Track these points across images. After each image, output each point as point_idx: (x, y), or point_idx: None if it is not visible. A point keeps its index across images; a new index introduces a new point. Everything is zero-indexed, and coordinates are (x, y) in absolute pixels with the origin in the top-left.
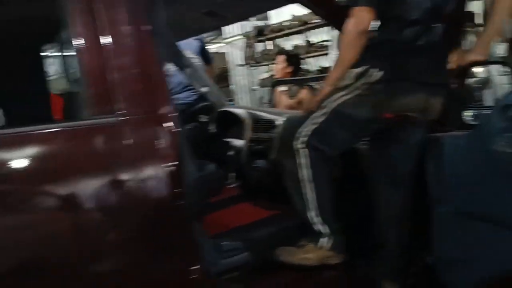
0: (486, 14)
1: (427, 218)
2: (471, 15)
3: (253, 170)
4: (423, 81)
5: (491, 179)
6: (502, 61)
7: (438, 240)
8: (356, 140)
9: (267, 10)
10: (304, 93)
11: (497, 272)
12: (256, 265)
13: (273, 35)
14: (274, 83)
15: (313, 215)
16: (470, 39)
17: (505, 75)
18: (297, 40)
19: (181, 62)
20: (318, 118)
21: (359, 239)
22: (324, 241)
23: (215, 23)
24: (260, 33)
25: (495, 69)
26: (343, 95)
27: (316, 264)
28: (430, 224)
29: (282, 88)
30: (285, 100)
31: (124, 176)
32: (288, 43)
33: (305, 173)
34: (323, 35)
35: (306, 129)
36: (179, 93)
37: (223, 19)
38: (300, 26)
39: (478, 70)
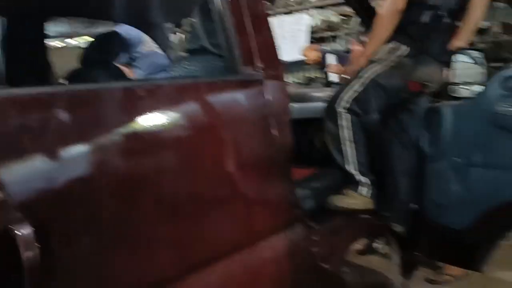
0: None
1: (420, 173)
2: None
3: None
4: (437, 57)
5: (494, 135)
6: (476, 48)
7: (430, 189)
8: (387, 107)
9: None
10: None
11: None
12: (318, 209)
13: None
14: None
15: (351, 168)
16: None
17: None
18: None
19: (166, 42)
20: (357, 87)
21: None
22: (364, 190)
23: None
24: None
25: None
26: (378, 67)
27: (361, 208)
28: (424, 178)
29: None
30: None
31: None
32: None
33: (346, 133)
34: None
35: (347, 96)
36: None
37: None
38: None
39: None
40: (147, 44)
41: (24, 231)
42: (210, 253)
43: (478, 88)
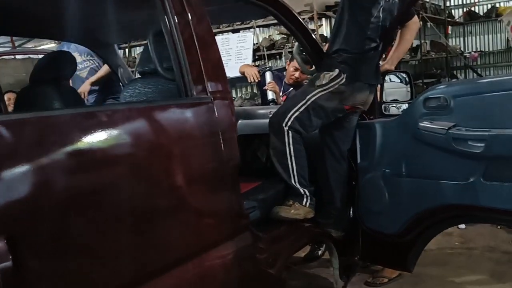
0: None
1: (355, 183)
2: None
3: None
4: (369, 82)
5: (417, 148)
6: (401, 70)
7: (364, 198)
8: (324, 125)
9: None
10: None
11: (411, 215)
12: (263, 219)
13: None
14: None
15: (294, 181)
16: None
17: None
18: None
19: (116, 61)
20: (301, 107)
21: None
22: (305, 201)
23: None
24: None
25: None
26: (320, 92)
27: (302, 218)
28: (357, 188)
29: None
30: None
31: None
32: None
33: (289, 149)
34: None
35: (292, 115)
36: None
37: None
38: None
39: None
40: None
41: None
42: (163, 262)
43: (404, 106)
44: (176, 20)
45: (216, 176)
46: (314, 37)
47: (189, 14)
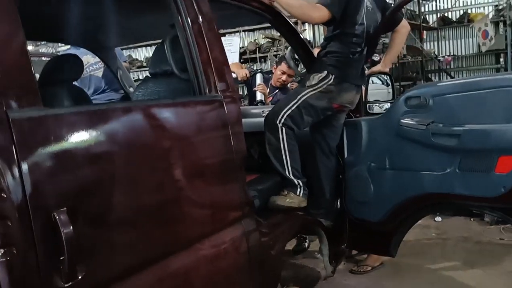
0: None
1: (342, 176)
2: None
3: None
4: (355, 83)
5: (399, 143)
6: (386, 72)
7: (351, 190)
8: (314, 123)
9: None
10: None
11: (394, 204)
12: (262, 207)
13: None
14: None
15: (289, 173)
16: None
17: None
18: None
19: (115, 63)
20: (293, 106)
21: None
22: (299, 191)
23: None
24: None
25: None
26: (310, 91)
27: (297, 206)
28: (344, 180)
29: None
30: None
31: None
32: None
33: (283, 144)
34: None
35: (285, 113)
36: (99, 93)
37: None
38: None
39: None
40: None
41: None
42: (186, 239)
43: (387, 105)
44: (191, 26)
45: (227, 166)
46: (306, 42)
47: (201, 20)
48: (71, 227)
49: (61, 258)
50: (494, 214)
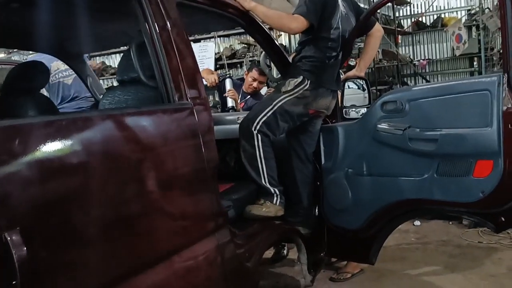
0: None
1: (320, 183)
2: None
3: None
4: (331, 88)
5: (376, 148)
6: (361, 77)
7: (329, 197)
8: (290, 129)
9: None
10: None
11: (373, 211)
12: (238, 217)
13: None
14: None
15: (265, 182)
16: None
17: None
18: None
19: (85, 70)
20: (268, 112)
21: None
22: (275, 199)
23: None
24: None
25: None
26: (285, 97)
27: (274, 215)
28: (322, 187)
29: None
30: None
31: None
32: None
33: (258, 151)
34: None
35: (260, 120)
36: (68, 102)
37: None
38: None
39: None
40: (53, 75)
41: None
42: (155, 255)
43: (363, 110)
44: (158, 32)
45: (198, 176)
46: (280, 48)
47: (169, 25)
48: (25, 248)
49: (13, 282)
50: (473, 219)
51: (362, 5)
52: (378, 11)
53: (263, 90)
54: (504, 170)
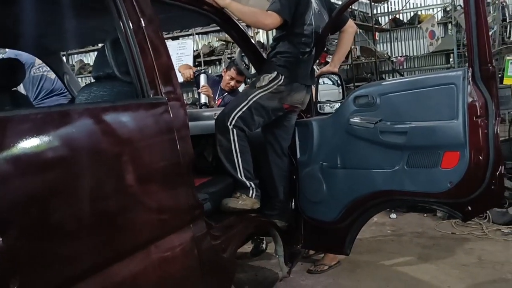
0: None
1: (296, 177)
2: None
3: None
4: (305, 83)
5: (349, 141)
6: (335, 72)
7: (304, 190)
8: (266, 123)
9: None
10: None
11: (347, 203)
12: (214, 209)
13: None
14: None
15: (241, 175)
16: None
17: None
18: None
19: (62, 67)
20: (243, 107)
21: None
22: (251, 193)
23: None
24: None
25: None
26: (260, 92)
27: (250, 208)
28: (298, 181)
29: None
30: None
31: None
32: None
33: (234, 146)
34: None
35: (235, 114)
36: (48, 96)
37: None
38: None
39: None
40: (37, 68)
41: None
42: (131, 245)
43: (337, 105)
44: (132, 28)
45: (173, 170)
46: (255, 44)
47: (142, 22)
48: (0, 238)
49: None
50: (442, 209)
51: (336, 1)
52: (356, 8)
53: (241, 88)
54: (470, 161)
